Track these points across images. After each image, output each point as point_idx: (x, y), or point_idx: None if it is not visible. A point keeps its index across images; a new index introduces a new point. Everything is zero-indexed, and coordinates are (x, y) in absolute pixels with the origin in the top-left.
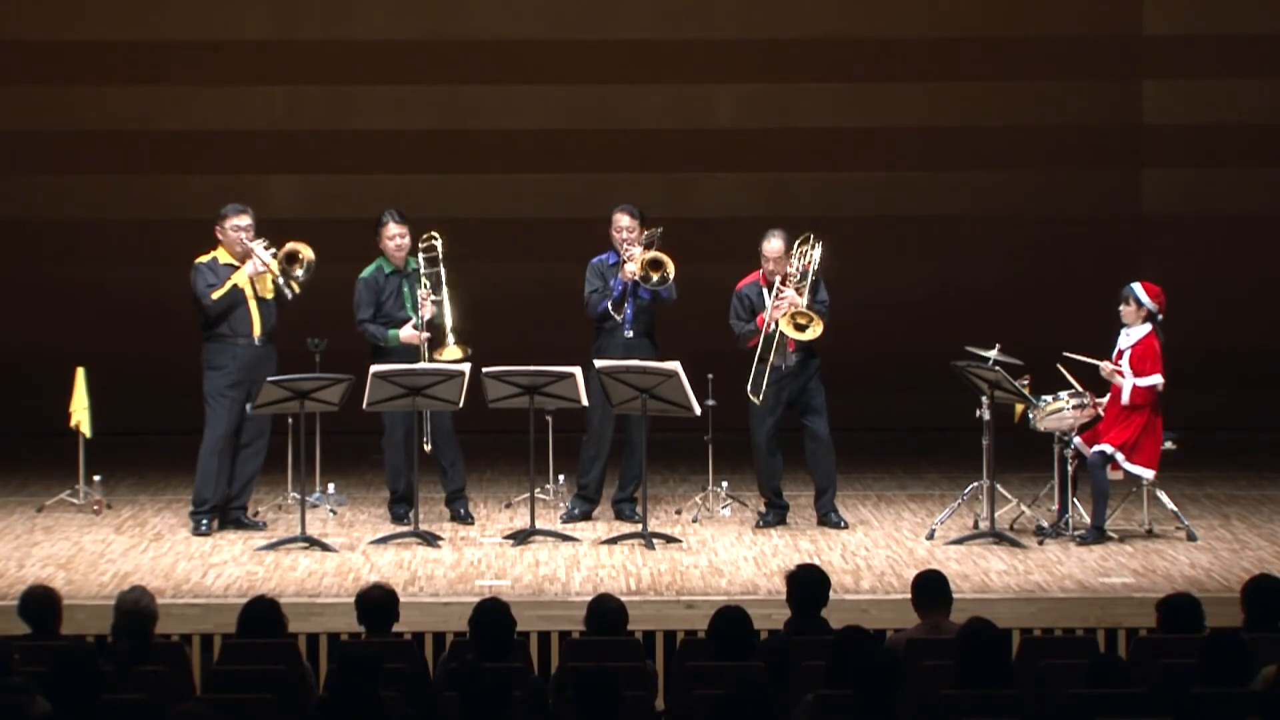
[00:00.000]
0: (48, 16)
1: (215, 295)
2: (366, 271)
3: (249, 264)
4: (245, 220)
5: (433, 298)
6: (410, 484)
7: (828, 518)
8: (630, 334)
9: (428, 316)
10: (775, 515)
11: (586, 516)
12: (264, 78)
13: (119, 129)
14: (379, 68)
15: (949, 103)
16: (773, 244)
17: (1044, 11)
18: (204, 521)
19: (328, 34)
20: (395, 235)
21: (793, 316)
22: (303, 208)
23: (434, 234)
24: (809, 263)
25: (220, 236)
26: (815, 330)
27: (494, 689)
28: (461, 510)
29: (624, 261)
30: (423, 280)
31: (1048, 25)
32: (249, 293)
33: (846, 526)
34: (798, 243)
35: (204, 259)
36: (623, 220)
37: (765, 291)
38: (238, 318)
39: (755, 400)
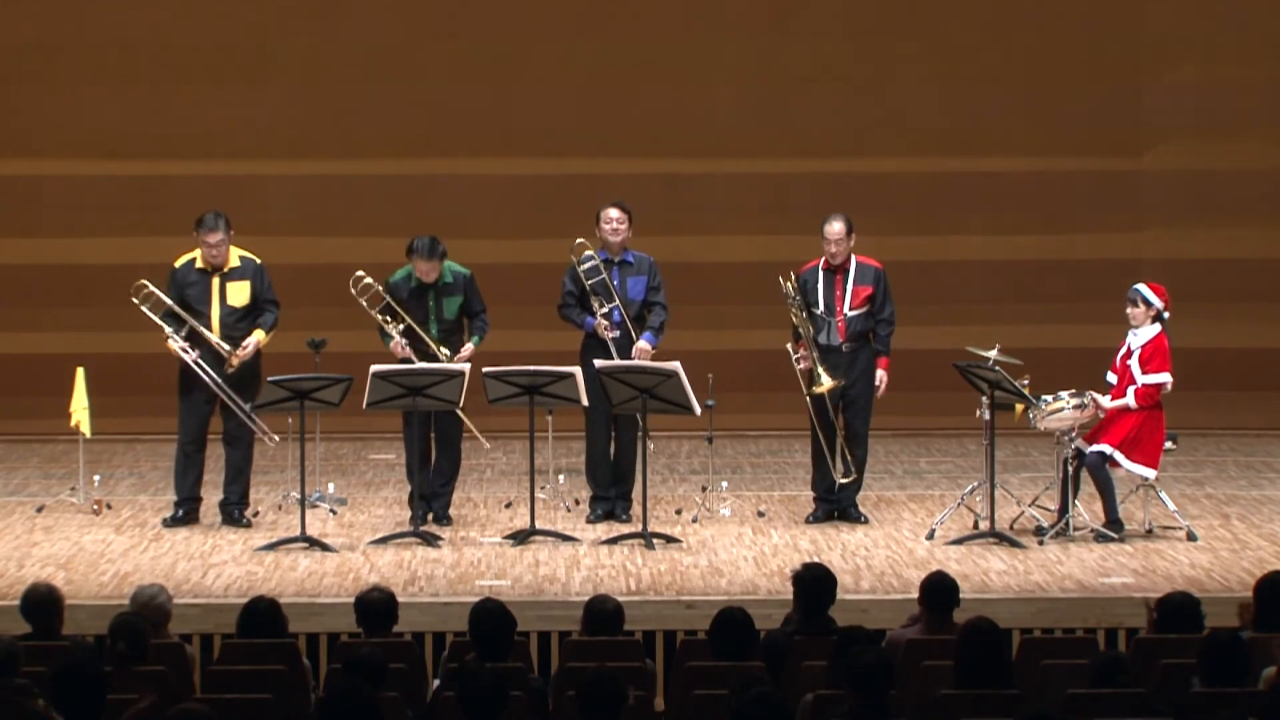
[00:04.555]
0: (47, 16)
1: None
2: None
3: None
4: (215, 238)
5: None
6: (424, 482)
7: (847, 512)
8: (618, 334)
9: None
10: (822, 510)
11: (611, 515)
12: (264, 78)
13: (119, 129)
14: (378, 68)
15: (949, 102)
16: (833, 226)
17: (1044, 10)
18: (176, 513)
19: (328, 34)
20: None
21: None
22: (302, 207)
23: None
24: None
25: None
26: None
27: (494, 689)
28: (438, 509)
29: (612, 258)
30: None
31: (1048, 24)
32: (214, 297)
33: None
34: None
35: (181, 261)
36: (612, 212)
37: (821, 276)
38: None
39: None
